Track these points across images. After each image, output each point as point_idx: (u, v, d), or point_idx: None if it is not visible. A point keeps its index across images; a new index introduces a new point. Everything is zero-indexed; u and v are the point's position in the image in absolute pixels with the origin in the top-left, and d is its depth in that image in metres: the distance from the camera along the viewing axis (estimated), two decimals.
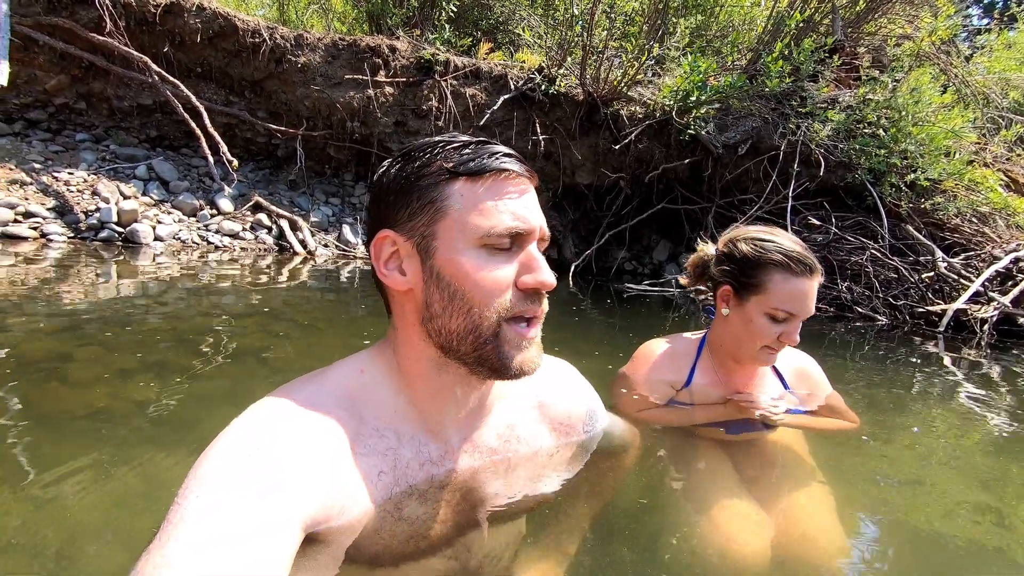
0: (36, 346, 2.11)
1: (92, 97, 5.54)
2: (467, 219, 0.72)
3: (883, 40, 6.33)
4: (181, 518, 0.56)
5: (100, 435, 1.47)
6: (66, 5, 4.98)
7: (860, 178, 4.98)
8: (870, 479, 1.37)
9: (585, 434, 1.03)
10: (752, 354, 1.36)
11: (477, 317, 0.73)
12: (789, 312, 1.29)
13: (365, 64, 5.69)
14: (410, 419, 0.80)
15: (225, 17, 5.34)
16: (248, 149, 6.24)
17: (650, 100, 5.66)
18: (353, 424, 0.75)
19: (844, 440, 1.51)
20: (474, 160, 0.73)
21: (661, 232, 6.73)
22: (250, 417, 0.69)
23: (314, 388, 0.76)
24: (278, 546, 0.58)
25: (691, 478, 1.25)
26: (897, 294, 4.34)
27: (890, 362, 3.06)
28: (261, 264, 4.55)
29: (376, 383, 0.79)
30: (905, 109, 4.99)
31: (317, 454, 0.68)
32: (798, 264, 1.28)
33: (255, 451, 0.64)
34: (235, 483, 0.60)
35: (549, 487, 0.94)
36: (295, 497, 0.63)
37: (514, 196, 0.74)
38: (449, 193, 0.73)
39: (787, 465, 1.38)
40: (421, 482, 0.79)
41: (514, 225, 0.72)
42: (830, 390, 1.61)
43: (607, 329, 3.54)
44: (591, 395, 1.08)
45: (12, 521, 1.06)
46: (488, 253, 0.73)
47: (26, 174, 4.69)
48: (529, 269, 0.74)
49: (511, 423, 0.91)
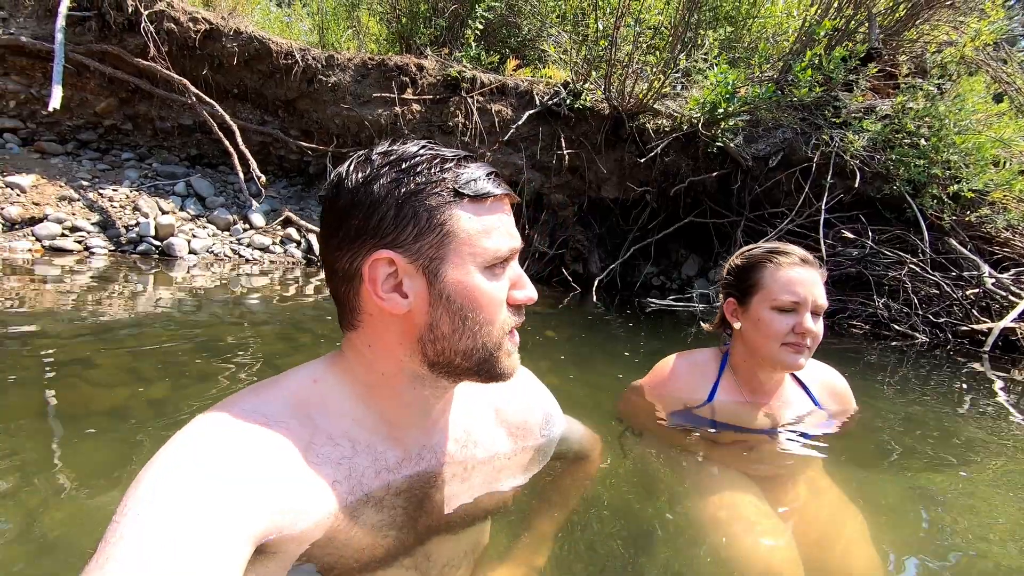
0: (70, 349, 2.22)
1: (137, 118, 5.84)
2: (477, 242, 0.73)
3: (923, 47, 6.10)
4: (120, 536, 0.54)
5: (117, 434, 1.52)
6: (115, 33, 5.28)
7: (899, 189, 4.77)
8: (911, 510, 1.27)
9: (542, 438, 1.04)
10: (775, 356, 1.34)
11: (487, 336, 0.75)
12: (791, 300, 1.31)
13: (393, 82, 5.82)
14: (368, 428, 0.79)
15: (260, 40, 5.56)
16: (281, 166, 6.44)
17: (677, 112, 5.59)
18: (305, 433, 0.73)
19: (887, 468, 1.43)
20: (476, 181, 0.73)
21: (690, 247, 6.59)
22: (193, 429, 0.67)
23: (262, 397, 0.74)
24: (224, 562, 0.56)
25: (712, 505, 1.19)
26: (938, 311, 4.11)
27: (933, 383, 2.89)
28: (289, 277, 4.66)
29: (332, 392, 0.78)
30: (948, 117, 4.78)
31: (264, 465, 0.66)
32: (783, 255, 1.34)
33: (198, 464, 0.62)
34: (177, 498, 0.57)
35: (507, 491, 0.94)
36: (241, 510, 0.61)
37: (508, 215, 0.78)
38: (458, 216, 0.72)
39: (819, 495, 1.29)
40: (377, 490, 0.77)
41: (514, 245, 0.77)
42: (855, 407, 1.55)
43: (630, 344, 3.46)
44: (547, 399, 1.09)
45: (26, 514, 1.09)
46: (492, 274, 0.75)
47: (74, 191, 4.95)
48: (519, 286, 0.79)
49: (468, 428, 0.91)
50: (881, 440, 1.71)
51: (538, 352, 2.93)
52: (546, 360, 2.74)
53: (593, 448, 1.18)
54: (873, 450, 1.57)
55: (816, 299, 1.31)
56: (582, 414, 1.24)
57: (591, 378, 2.55)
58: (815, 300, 1.31)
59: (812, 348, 1.34)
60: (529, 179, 6.09)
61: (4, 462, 1.28)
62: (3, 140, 5.23)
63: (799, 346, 1.31)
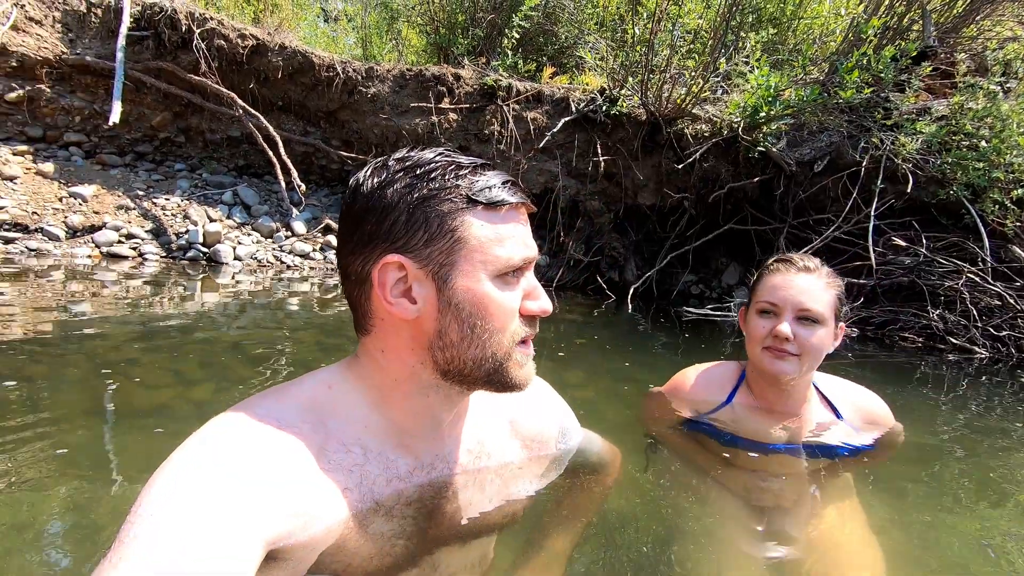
0: (121, 350, 2.34)
1: (189, 131, 6.13)
2: (488, 250, 0.72)
3: (984, 44, 5.77)
4: (134, 536, 0.54)
5: (158, 432, 1.59)
6: (170, 51, 5.57)
7: (956, 194, 4.51)
8: (973, 550, 1.14)
9: (557, 450, 1.02)
10: (759, 361, 1.35)
11: (496, 346, 0.74)
12: (769, 303, 1.33)
13: (430, 92, 5.92)
14: (379, 435, 0.78)
15: (303, 54, 5.76)
16: (323, 176, 6.63)
17: (716, 117, 5.47)
18: (318, 439, 0.73)
19: (924, 499, 1.34)
20: (490, 189, 0.72)
21: (731, 254, 6.41)
22: (207, 431, 0.68)
23: (276, 402, 0.75)
24: (236, 564, 0.57)
25: (715, 523, 1.14)
26: (1000, 324, 3.85)
27: (996, 402, 2.70)
28: (328, 283, 4.77)
29: (346, 399, 0.78)
30: (1011, 118, 4.49)
31: (277, 469, 0.67)
32: (783, 263, 1.36)
33: (212, 466, 0.62)
34: (191, 500, 0.58)
35: (519, 503, 0.92)
36: (254, 513, 0.61)
37: (523, 224, 0.77)
38: (470, 223, 0.71)
39: (837, 547, 1.16)
40: (388, 498, 0.77)
41: (527, 255, 0.76)
42: (892, 424, 1.48)
43: (666, 354, 3.38)
44: (564, 411, 1.07)
45: (70, 503, 1.15)
46: (504, 283, 0.74)
47: (131, 200, 5.23)
48: (532, 296, 0.77)
49: (481, 439, 0.90)
50: (926, 463, 1.60)
51: (571, 361, 2.90)
52: (579, 370, 2.71)
53: (611, 462, 1.15)
54: (914, 476, 1.47)
55: (801, 304, 1.29)
56: (612, 424, 1.22)
57: (623, 387, 2.50)
58: (800, 305, 1.29)
59: (804, 357, 1.29)
60: (565, 186, 6.07)
61: (57, 457, 1.35)
62: (69, 153, 5.58)
63: (779, 351, 1.30)
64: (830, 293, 1.31)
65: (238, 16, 6.18)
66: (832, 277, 1.34)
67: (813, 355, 1.29)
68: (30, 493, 1.16)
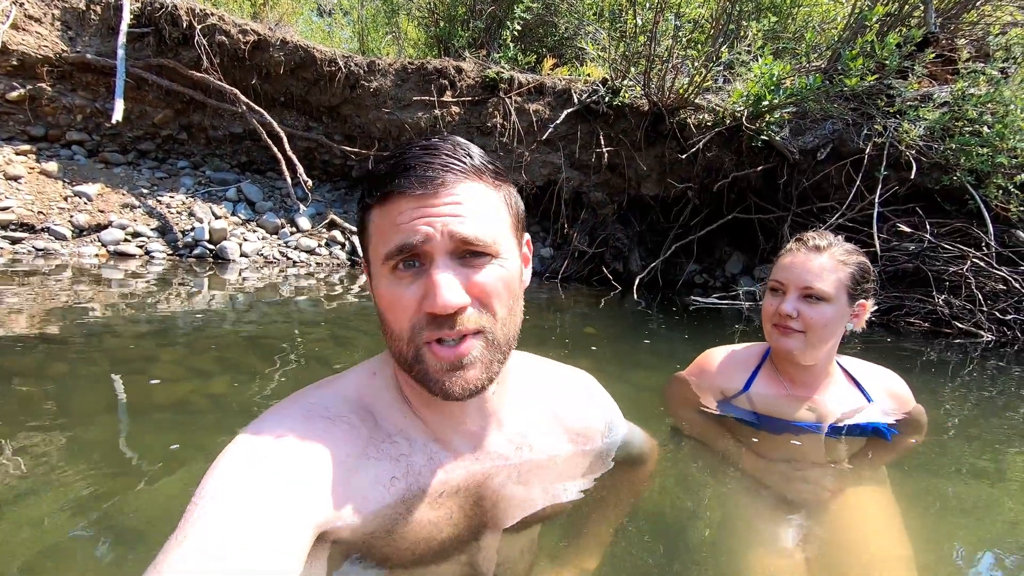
0: (134, 348, 2.35)
1: (192, 128, 6.12)
2: (377, 245, 0.71)
3: (985, 29, 5.76)
4: (198, 517, 0.58)
5: (178, 426, 1.62)
6: (171, 47, 5.56)
7: (959, 180, 4.52)
8: (972, 531, 1.19)
9: (603, 444, 1.01)
10: (769, 337, 1.41)
11: (397, 342, 0.72)
12: (777, 281, 1.38)
13: (432, 85, 5.91)
14: (417, 426, 0.80)
15: (305, 49, 5.74)
16: (326, 171, 6.63)
17: (719, 107, 5.46)
18: (365, 429, 0.76)
19: (945, 477, 1.36)
20: (380, 186, 0.70)
21: (734, 244, 6.43)
22: (263, 422, 0.71)
23: (327, 393, 0.78)
24: (291, 546, 0.60)
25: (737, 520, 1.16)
26: (1005, 307, 3.87)
27: (1001, 384, 2.73)
28: (334, 278, 4.79)
29: (386, 388, 0.81)
30: (1014, 102, 4.49)
31: (329, 458, 0.70)
32: (799, 242, 1.39)
33: (269, 454, 0.66)
34: (248, 486, 0.62)
35: (566, 495, 0.92)
36: (308, 499, 0.65)
37: (410, 210, 0.68)
38: (369, 221, 0.73)
39: (866, 521, 1.19)
40: (433, 487, 0.78)
41: (403, 241, 0.67)
42: (914, 405, 1.50)
43: (672, 343, 3.41)
44: (609, 405, 1.07)
45: (92, 499, 1.17)
46: (396, 277, 0.70)
47: (135, 198, 5.24)
48: (425, 292, 0.68)
49: (523, 431, 0.89)
50: (942, 444, 1.63)
51: (579, 351, 2.92)
52: (586, 359, 2.73)
53: (651, 454, 1.16)
54: (933, 458, 1.50)
55: (804, 282, 1.32)
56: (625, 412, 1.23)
57: (631, 375, 2.52)
58: (803, 283, 1.32)
59: (809, 335, 1.32)
60: (568, 178, 6.07)
61: (78, 455, 1.37)
62: (71, 152, 5.58)
63: (784, 328, 1.35)
64: (841, 271, 1.32)
65: (237, 11, 6.16)
66: (848, 255, 1.34)
67: (818, 332, 1.31)
68: (57, 493, 1.18)
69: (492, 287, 0.70)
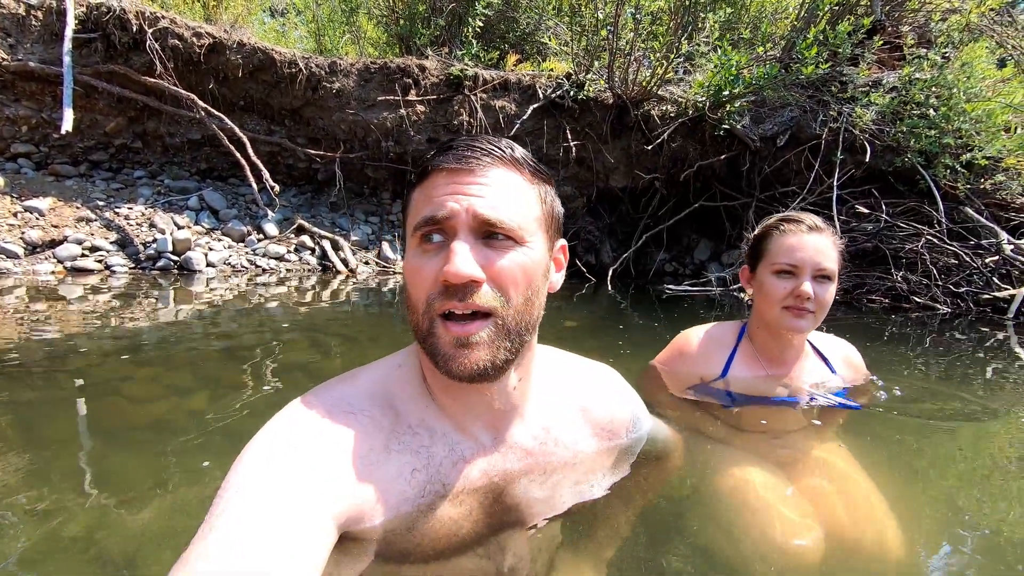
0: (103, 368, 2.26)
1: (147, 136, 5.91)
2: (411, 217, 0.76)
3: (927, 16, 6.02)
4: (222, 511, 0.60)
5: (159, 447, 1.56)
6: (121, 52, 5.34)
7: (911, 161, 4.74)
8: (936, 479, 1.29)
9: (629, 438, 1.01)
10: (777, 320, 1.40)
11: (414, 313, 0.74)
12: (788, 264, 1.37)
13: (396, 85, 5.85)
14: (439, 416, 0.81)
15: (263, 51, 5.60)
16: (290, 175, 6.49)
17: (681, 98, 5.58)
18: (387, 422, 0.77)
19: (905, 437, 1.44)
20: (431, 157, 0.76)
21: (701, 232, 6.58)
22: (286, 417, 0.72)
23: (349, 387, 0.79)
24: (313, 541, 0.61)
25: (737, 481, 1.21)
26: (958, 281, 4.09)
27: (956, 353, 2.88)
28: (306, 284, 4.71)
29: (410, 380, 0.82)
30: (956, 86, 4.73)
31: (351, 452, 0.71)
32: (791, 223, 1.39)
33: (291, 450, 0.67)
34: (271, 482, 0.63)
35: (591, 491, 0.91)
36: (329, 494, 0.66)
37: (443, 184, 0.72)
38: (410, 200, 0.78)
39: (836, 467, 1.30)
40: (454, 480, 0.79)
41: (432, 213, 0.70)
42: (867, 373, 1.60)
43: (648, 330, 3.48)
44: (635, 400, 1.07)
45: (76, 529, 1.12)
46: (421, 249, 0.73)
47: (91, 211, 5.03)
48: (443, 264, 0.70)
49: (547, 425, 0.89)
50: (907, 410, 1.72)
51: (562, 343, 2.95)
52: (572, 350, 2.76)
53: (676, 448, 1.16)
54: (897, 422, 1.58)
55: (819, 264, 1.35)
56: None
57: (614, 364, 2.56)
58: (818, 265, 1.35)
59: (818, 313, 1.37)
60: None
61: (59, 483, 1.31)
62: (18, 165, 5.32)
63: (799, 310, 1.36)
64: (838, 248, 1.40)
65: (187, 14, 5.95)
66: (834, 234, 1.41)
67: (826, 309, 1.38)
68: (38, 524, 1.13)
69: (509, 271, 0.71)
